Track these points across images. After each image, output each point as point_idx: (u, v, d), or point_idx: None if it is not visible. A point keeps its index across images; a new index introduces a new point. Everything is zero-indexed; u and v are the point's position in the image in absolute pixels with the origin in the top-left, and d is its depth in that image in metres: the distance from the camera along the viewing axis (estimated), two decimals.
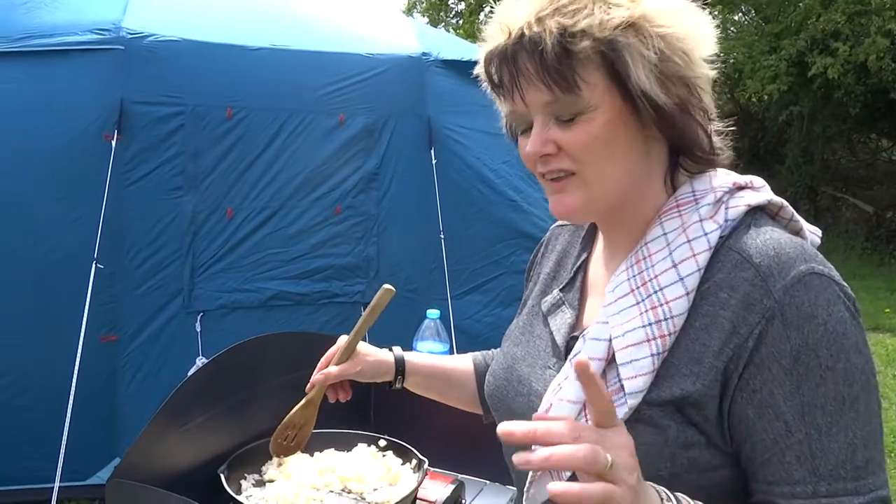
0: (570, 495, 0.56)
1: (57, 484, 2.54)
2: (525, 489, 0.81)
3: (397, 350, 1.16)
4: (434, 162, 3.45)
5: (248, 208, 3.24)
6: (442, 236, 3.44)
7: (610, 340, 0.75)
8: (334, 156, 3.35)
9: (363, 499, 1.28)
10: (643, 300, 0.75)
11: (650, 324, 0.73)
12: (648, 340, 0.73)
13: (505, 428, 0.59)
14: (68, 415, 2.60)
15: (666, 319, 0.73)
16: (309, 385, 1.14)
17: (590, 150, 0.75)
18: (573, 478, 0.61)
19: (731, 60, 10.72)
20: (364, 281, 3.42)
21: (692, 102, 0.76)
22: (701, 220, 0.75)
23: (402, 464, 1.38)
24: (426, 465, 1.32)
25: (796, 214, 0.79)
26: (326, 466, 1.35)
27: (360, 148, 3.39)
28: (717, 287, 0.72)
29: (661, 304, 0.73)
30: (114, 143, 2.95)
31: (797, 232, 0.79)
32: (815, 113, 10.28)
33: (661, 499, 0.64)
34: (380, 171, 3.44)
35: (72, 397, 2.63)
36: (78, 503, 3.04)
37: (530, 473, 0.79)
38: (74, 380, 2.66)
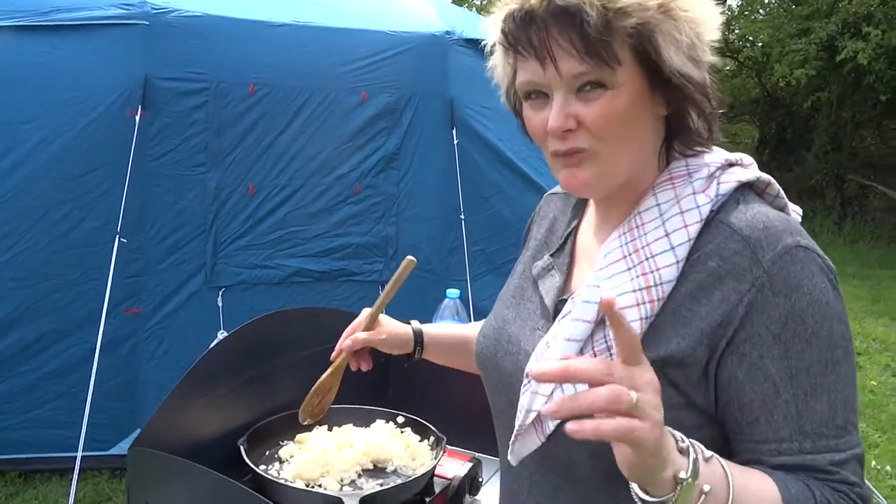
0: (587, 432, 0.58)
1: (80, 453, 2.58)
2: (511, 442, 0.84)
3: (415, 323, 1.20)
4: (455, 142, 3.43)
5: (270, 185, 3.25)
6: (462, 217, 3.43)
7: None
8: (355, 134, 3.34)
9: (388, 472, 1.29)
10: (634, 266, 0.78)
11: (640, 289, 0.77)
12: (638, 304, 0.76)
13: (539, 367, 0.61)
14: (91, 385, 2.64)
15: (656, 285, 0.76)
16: (335, 352, 1.17)
17: (611, 127, 0.76)
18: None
19: (760, 44, 10.51)
20: (382, 260, 3.43)
21: (709, 85, 0.79)
22: (694, 194, 0.79)
23: (420, 440, 1.39)
24: (444, 443, 1.33)
25: (781, 192, 0.83)
26: (345, 441, 1.36)
27: (382, 127, 3.38)
28: (706, 257, 0.76)
29: (652, 271, 0.77)
30: (138, 118, 2.96)
31: (782, 208, 0.83)
32: (844, 99, 10.07)
33: (676, 440, 0.65)
34: (401, 150, 3.42)
35: (94, 368, 2.67)
36: (100, 472, 3.11)
37: (516, 427, 0.82)
38: (98, 351, 2.70)
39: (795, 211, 0.85)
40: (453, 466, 1.37)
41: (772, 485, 0.72)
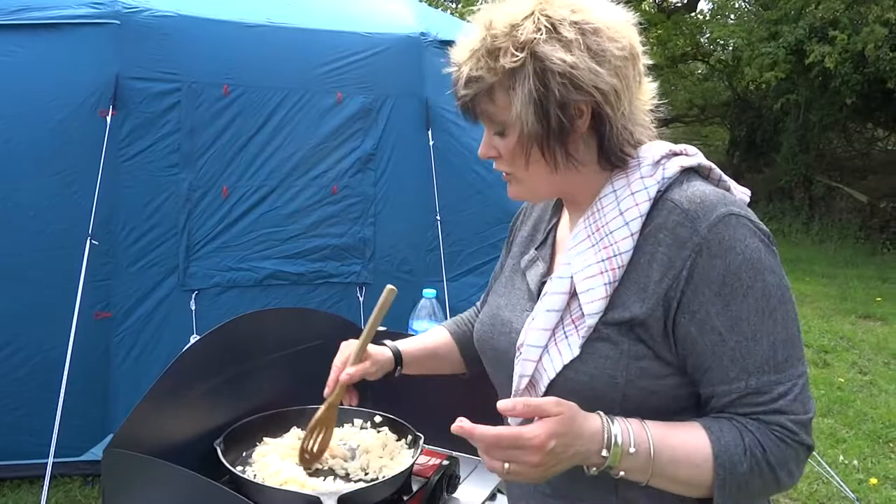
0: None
1: (51, 460, 2.54)
2: None
3: (391, 343, 1.28)
4: (431, 143, 3.43)
5: (244, 187, 3.22)
6: (438, 218, 3.44)
7: (572, 277, 0.93)
8: (331, 135, 3.33)
9: (366, 471, 1.29)
10: (597, 243, 0.92)
11: (603, 260, 0.90)
12: (602, 272, 0.90)
13: (461, 424, 0.82)
14: (62, 391, 2.60)
15: (616, 255, 0.90)
16: (329, 387, 1.22)
17: (513, 159, 0.94)
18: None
19: (731, 48, 10.68)
20: (360, 262, 3.42)
21: (576, 122, 0.89)
22: (642, 178, 0.92)
23: (398, 440, 1.39)
24: (421, 442, 1.33)
25: (724, 175, 0.97)
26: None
27: (358, 128, 3.37)
28: (656, 229, 0.89)
29: (611, 244, 0.90)
30: (109, 119, 2.92)
31: (726, 189, 0.95)
32: (812, 101, 10.28)
33: (602, 421, 0.85)
34: (377, 151, 3.42)
35: (65, 373, 2.62)
36: (72, 479, 3.05)
37: (513, 392, 0.97)
38: (69, 356, 2.65)
39: (744, 193, 0.97)
40: (431, 465, 1.37)
41: (703, 436, 0.86)
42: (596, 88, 0.87)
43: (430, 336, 1.34)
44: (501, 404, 0.83)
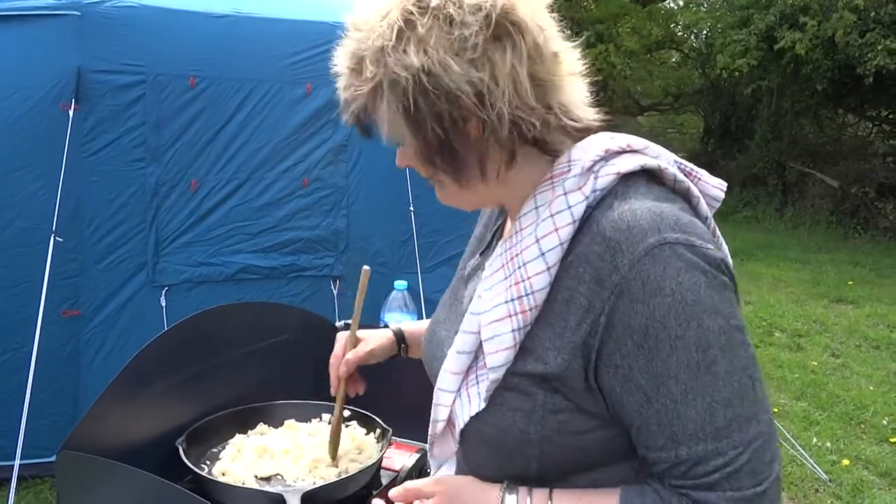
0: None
1: (17, 461, 2.48)
2: (429, 446, 0.91)
3: (392, 325, 1.22)
4: None
5: (214, 180, 3.16)
6: (412, 209, 3.41)
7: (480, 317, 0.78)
8: (301, 127, 3.28)
9: (334, 466, 1.27)
10: (510, 276, 0.76)
11: (513, 299, 0.75)
12: (510, 315, 0.75)
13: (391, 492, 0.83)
14: (28, 391, 2.54)
15: (527, 295, 0.74)
16: (333, 386, 1.18)
17: (420, 169, 0.81)
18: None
19: (703, 35, 10.75)
20: (333, 254, 3.39)
21: (461, 129, 0.74)
22: (566, 194, 0.75)
23: (367, 434, 1.37)
24: (390, 435, 1.31)
25: (679, 175, 0.78)
26: (288, 437, 1.33)
27: (328, 119, 3.33)
28: (577, 260, 0.73)
29: (523, 280, 0.74)
30: (71, 112, 2.85)
31: (685, 192, 0.78)
32: (784, 88, 10.38)
33: (500, 493, 0.77)
34: (348, 142, 3.38)
35: (31, 373, 2.56)
36: (42, 480, 3.00)
37: (430, 434, 0.87)
38: (34, 355, 2.60)
39: (719, 187, 0.82)
40: (401, 458, 1.36)
41: None
42: (460, 90, 0.71)
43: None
44: (391, 493, 0.83)
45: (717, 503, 0.70)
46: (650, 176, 0.77)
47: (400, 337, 1.20)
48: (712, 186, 0.82)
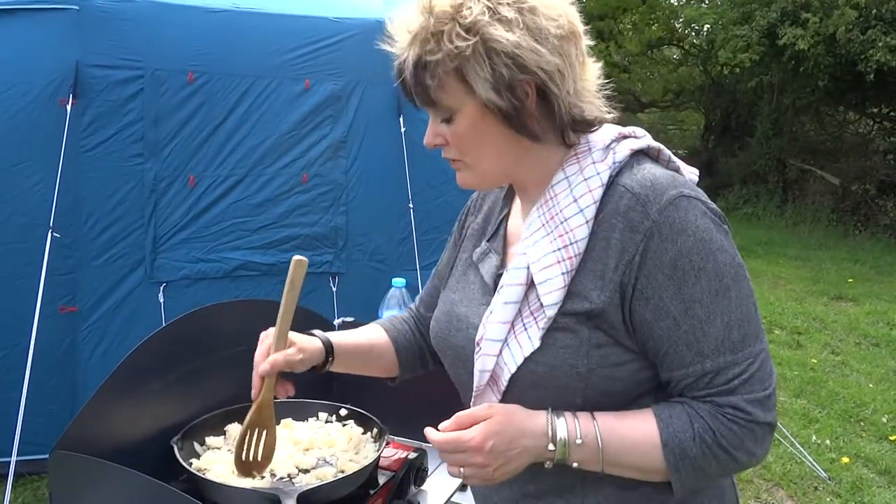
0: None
1: (14, 458, 2.48)
2: (472, 403, 0.97)
3: (321, 333, 1.13)
4: (403, 130, 3.38)
5: (212, 176, 3.15)
6: (411, 205, 3.40)
7: (528, 267, 0.91)
8: (300, 123, 3.27)
9: (331, 466, 1.26)
10: (552, 231, 0.91)
11: (559, 249, 0.89)
12: (559, 262, 0.89)
13: (432, 436, 0.86)
14: (24, 388, 2.53)
15: (571, 244, 0.88)
16: (254, 389, 1.08)
17: (463, 143, 0.92)
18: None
19: (704, 31, 10.72)
20: (332, 251, 3.37)
21: (525, 102, 0.88)
22: (594, 163, 0.92)
23: (364, 433, 1.36)
24: (387, 434, 1.30)
25: (673, 157, 0.96)
26: (286, 436, 1.32)
27: (327, 115, 3.32)
28: (609, 215, 0.88)
29: (567, 232, 0.89)
30: (69, 107, 2.84)
31: (676, 170, 0.94)
32: (785, 85, 10.35)
33: (547, 417, 0.88)
34: (347, 138, 3.37)
35: (28, 369, 2.56)
36: (40, 477, 2.99)
37: (474, 389, 0.96)
38: (31, 351, 2.59)
39: (692, 172, 0.96)
40: (398, 458, 1.34)
41: (653, 424, 0.87)
42: (540, 68, 0.86)
43: (365, 332, 1.22)
44: (431, 436, 0.86)
45: (737, 404, 0.85)
46: (650, 155, 0.94)
47: (328, 348, 1.11)
48: (689, 172, 0.96)
